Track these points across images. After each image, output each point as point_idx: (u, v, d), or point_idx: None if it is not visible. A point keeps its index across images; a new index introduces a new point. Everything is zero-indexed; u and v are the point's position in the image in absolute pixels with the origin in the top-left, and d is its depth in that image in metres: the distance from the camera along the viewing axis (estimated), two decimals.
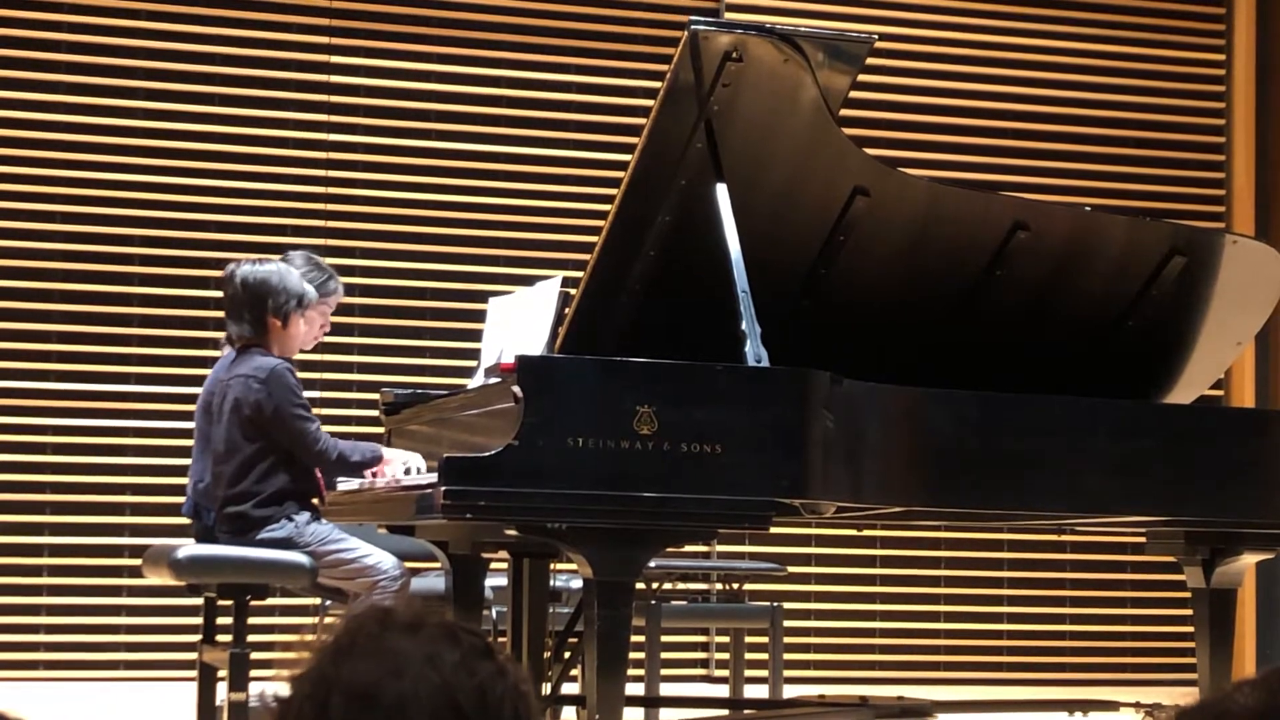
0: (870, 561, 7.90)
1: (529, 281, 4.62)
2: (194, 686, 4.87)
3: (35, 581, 7.10)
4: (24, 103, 7.22)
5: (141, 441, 7.20)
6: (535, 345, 4.15)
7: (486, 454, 3.55)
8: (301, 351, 5.18)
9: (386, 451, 4.68)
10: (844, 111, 4.19)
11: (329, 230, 7.46)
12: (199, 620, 5.02)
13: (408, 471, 4.57)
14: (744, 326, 3.77)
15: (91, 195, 7.25)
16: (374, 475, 4.70)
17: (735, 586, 6.44)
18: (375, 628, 1.41)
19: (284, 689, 1.42)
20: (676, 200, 4.12)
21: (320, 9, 7.51)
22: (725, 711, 5.39)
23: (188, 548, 4.74)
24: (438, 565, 5.15)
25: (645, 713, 5.49)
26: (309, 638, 1.45)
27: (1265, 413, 6.90)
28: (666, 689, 6.01)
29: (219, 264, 5.24)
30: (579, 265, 4.28)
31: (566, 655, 4.72)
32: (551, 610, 4.76)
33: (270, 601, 5.24)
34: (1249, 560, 4.58)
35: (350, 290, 5.37)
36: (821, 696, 5.16)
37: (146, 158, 7.31)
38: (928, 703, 4.79)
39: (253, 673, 4.49)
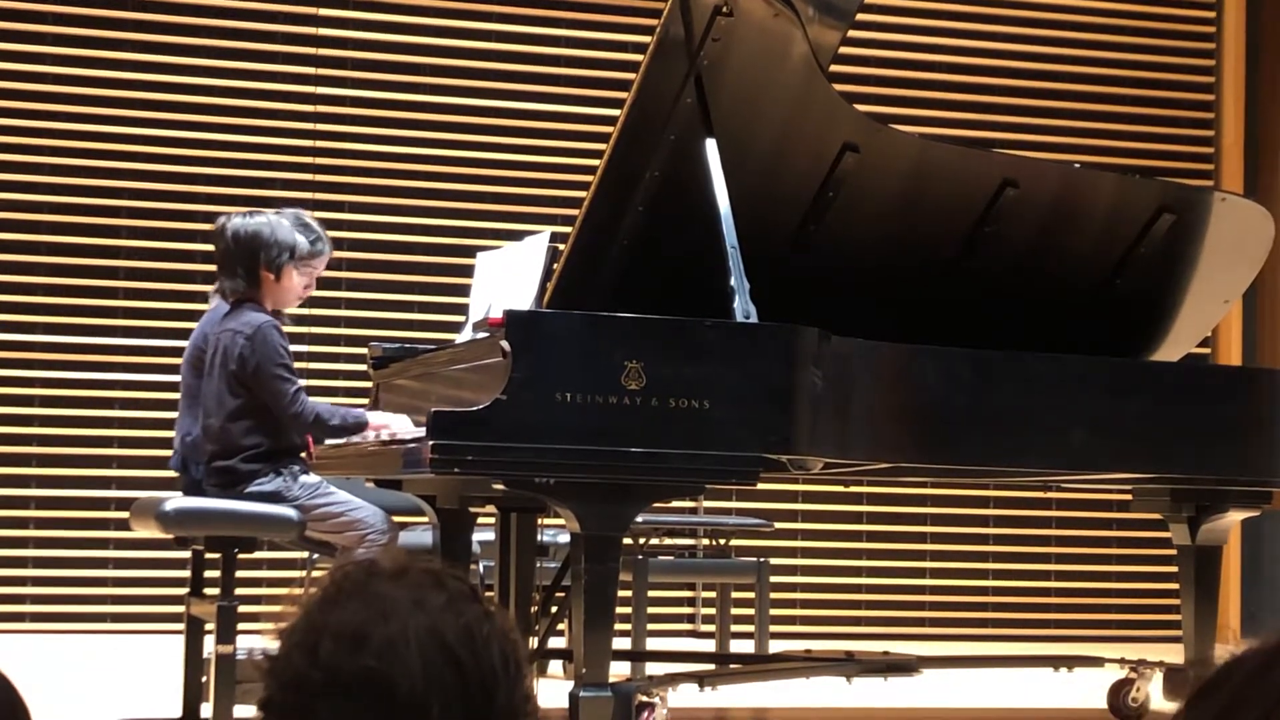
0: (857, 518, 7.92)
1: (518, 236, 4.61)
2: (181, 639, 4.87)
3: (22, 534, 7.10)
4: (9, 54, 7.18)
5: (129, 394, 7.19)
6: (524, 300, 4.14)
7: (475, 409, 3.55)
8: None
9: (372, 418, 4.63)
10: (834, 68, 4.18)
11: (316, 184, 7.43)
12: (186, 573, 5.02)
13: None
14: (733, 282, 3.76)
15: (78, 147, 7.22)
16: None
17: (722, 542, 6.46)
18: (362, 576, 1.43)
19: (274, 644, 1.43)
20: (666, 155, 4.11)
21: None
22: (712, 666, 5.40)
23: (175, 500, 4.73)
24: (425, 520, 5.15)
25: (632, 666, 5.50)
26: (297, 591, 1.46)
27: (1252, 370, 6.91)
28: (653, 643, 6.02)
29: (206, 217, 5.22)
30: (568, 220, 4.27)
31: (553, 610, 4.73)
32: (539, 565, 4.76)
33: (258, 555, 5.25)
34: (1234, 518, 4.60)
35: (338, 244, 5.34)
36: (807, 651, 5.17)
37: (134, 109, 7.28)
38: (913, 658, 4.80)
39: (240, 626, 4.49)
